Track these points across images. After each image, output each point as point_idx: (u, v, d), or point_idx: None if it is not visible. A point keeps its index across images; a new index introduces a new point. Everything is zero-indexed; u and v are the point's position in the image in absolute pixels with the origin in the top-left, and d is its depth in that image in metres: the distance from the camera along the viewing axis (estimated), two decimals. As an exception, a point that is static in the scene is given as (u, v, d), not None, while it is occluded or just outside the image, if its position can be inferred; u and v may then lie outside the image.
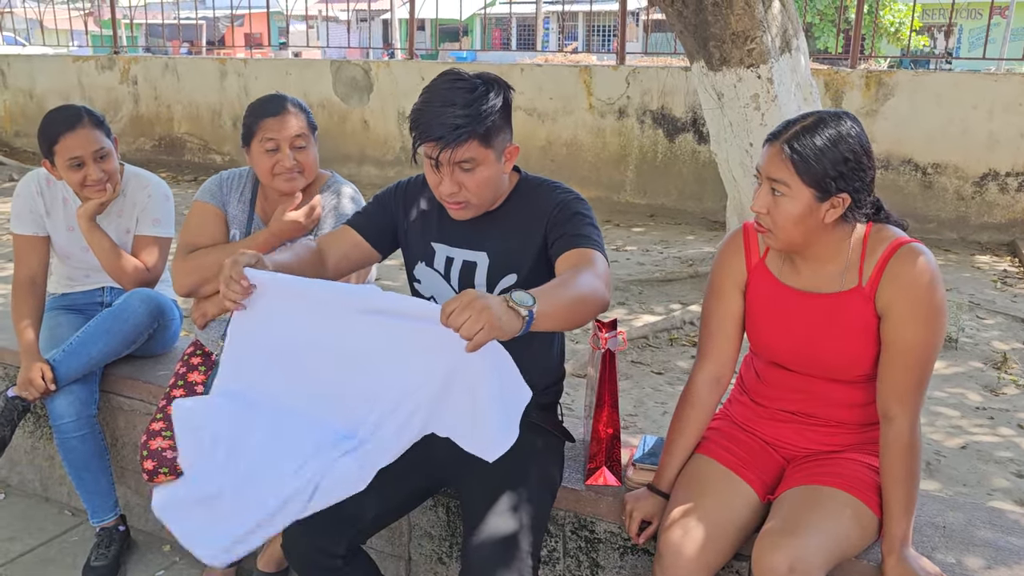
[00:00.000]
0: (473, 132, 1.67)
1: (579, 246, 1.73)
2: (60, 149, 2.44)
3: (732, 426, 1.93)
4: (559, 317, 1.50)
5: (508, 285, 1.86)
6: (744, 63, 3.80)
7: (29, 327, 2.54)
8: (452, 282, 1.89)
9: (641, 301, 4.15)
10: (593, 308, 1.57)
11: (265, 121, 2.18)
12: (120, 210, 2.61)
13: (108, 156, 2.50)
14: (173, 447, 2.12)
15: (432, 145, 1.68)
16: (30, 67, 10.36)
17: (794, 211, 1.61)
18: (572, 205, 1.81)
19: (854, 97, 6.24)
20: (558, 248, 1.77)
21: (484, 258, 1.86)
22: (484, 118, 1.69)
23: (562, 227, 1.78)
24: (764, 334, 1.82)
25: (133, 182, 2.63)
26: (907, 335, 1.63)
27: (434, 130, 1.66)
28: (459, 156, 1.69)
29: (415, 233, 1.94)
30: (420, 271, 1.93)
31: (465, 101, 1.66)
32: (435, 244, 1.91)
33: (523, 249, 1.83)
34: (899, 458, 1.66)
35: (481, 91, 1.69)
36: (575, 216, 1.79)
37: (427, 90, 1.71)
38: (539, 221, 1.81)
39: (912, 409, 1.66)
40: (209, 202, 2.32)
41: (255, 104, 2.23)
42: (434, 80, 1.72)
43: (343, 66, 8.25)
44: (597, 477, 2.03)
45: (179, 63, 9.39)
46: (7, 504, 3.04)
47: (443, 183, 1.73)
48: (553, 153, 7.34)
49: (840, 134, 1.59)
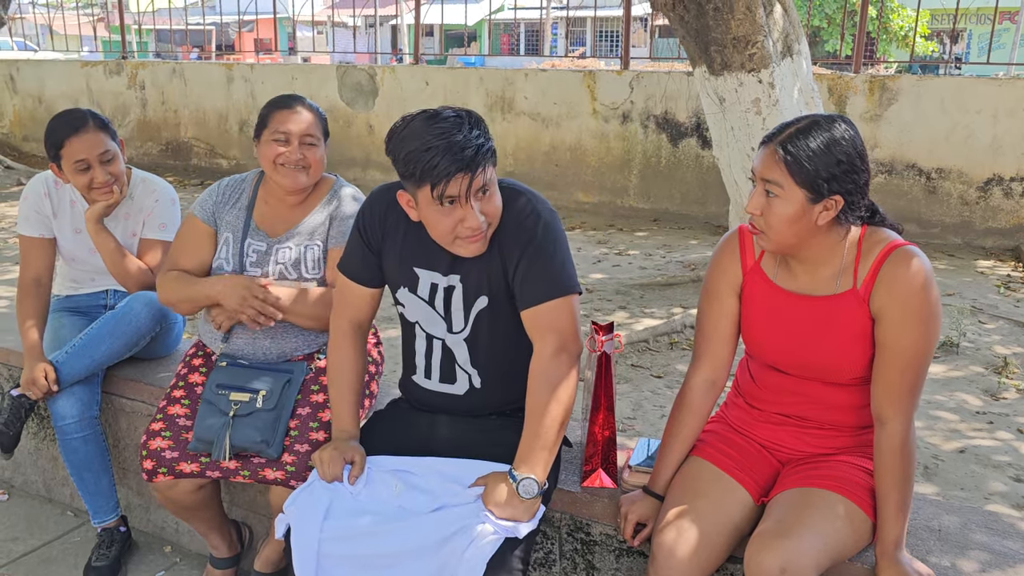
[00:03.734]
0: (489, 150, 1.68)
1: (548, 298, 1.76)
2: (66, 152, 2.47)
3: (728, 429, 1.93)
4: (555, 452, 1.75)
5: (481, 308, 1.85)
6: (745, 67, 3.81)
7: (33, 328, 2.56)
8: (437, 308, 1.88)
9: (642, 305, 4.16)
10: (569, 407, 1.76)
11: (279, 113, 2.20)
12: (127, 213, 2.64)
13: (114, 159, 2.52)
14: (172, 447, 2.14)
15: (459, 179, 1.64)
16: (39, 72, 10.43)
17: (787, 212, 1.62)
18: (541, 238, 1.77)
19: (858, 102, 6.24)
20: (524, 298, 1.78)
21: (458, 281, 1.86)
22: (488, 135, 1.70)
23: (529, 268, 1.77)
24: (759, 337, 1.83)
25: (141, 187, 2.66)
26: (901, 338, 1.64)
27: (456, 162, 1.62)
28: (483, 181, 1.67)
29: (393, 257, 1.90)
30: (404, 296, 1.92)
31: (463, 124, 1.66)
32: (418, 270, 1.88)
33: (495, 274, 1.82)
34: (893, 461, 1.66)
35: (464, 114, 1.69)
36: (543, 255, 1.77)
37: (409, 137, 1.66)
38: (512, 250, 1.78)
39: (906, 412, 1.66)
40: (199, 217, 2.30)
41: (273, 100, 2.25)
42: (409, 126, 1.68)
43: (349, 71, 8.29)
44: (593, 479, 2.04)
45: (186, 68, 9.45)
46: (11, 505, 3.06)
47: (468, 217, 1.69)
48: (557, 158, 7.35)
49: (834, 137, 1.60)
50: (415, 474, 1.85)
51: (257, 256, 2.26)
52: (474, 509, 1.73)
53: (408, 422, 2.01)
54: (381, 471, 1.87)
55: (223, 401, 2.13)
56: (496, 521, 1.69)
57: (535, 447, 1.71)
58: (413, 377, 2.01)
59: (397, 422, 2.03)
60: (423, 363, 1.97)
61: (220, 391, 2.15)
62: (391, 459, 1.90)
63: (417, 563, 1.71)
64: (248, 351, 2.27)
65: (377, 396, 2.43)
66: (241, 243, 2.26)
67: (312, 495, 1.85)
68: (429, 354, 1.94)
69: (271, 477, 2.12)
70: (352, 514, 1.80)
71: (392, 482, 1.85)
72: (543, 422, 1.71)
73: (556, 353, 1.74)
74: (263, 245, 2.26)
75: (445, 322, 1.89)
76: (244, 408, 2.11)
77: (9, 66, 10.69)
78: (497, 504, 1.70)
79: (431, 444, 1.93)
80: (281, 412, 2.13)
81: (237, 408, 2.11)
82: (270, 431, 2.10)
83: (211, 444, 2.10)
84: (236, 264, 2.25)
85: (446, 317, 1.88)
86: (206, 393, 2.16)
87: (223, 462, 2.11)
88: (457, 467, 1.84)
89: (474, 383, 1.93)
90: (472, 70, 8.07)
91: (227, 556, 2.49)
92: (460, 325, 1.88)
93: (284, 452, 2.11)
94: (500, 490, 1.71)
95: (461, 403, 1.95)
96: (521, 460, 1.72)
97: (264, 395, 2.14)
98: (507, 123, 7.50)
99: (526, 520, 1.71)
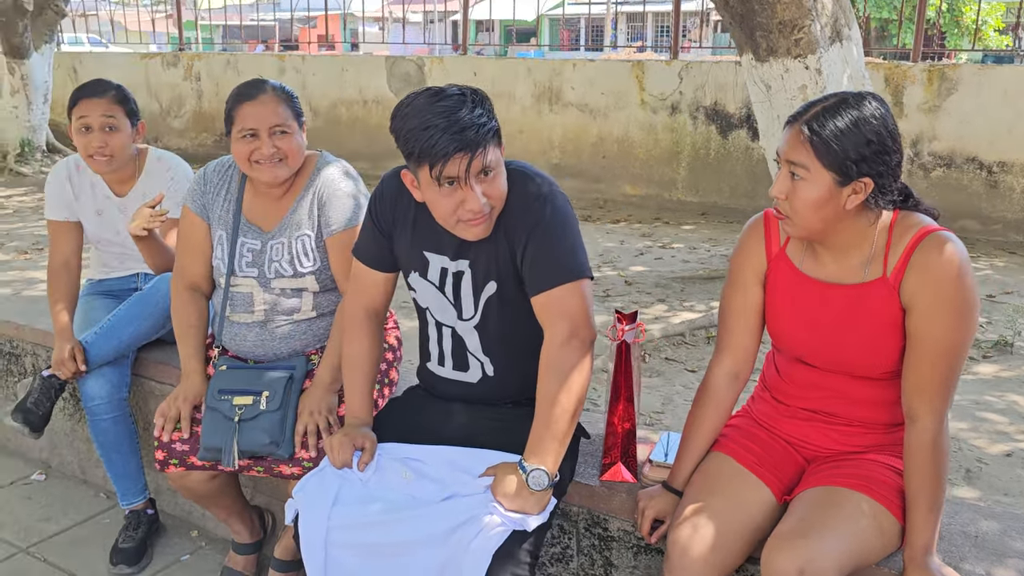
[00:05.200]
0: (492, 130, 1.63)
1: (558, 283, 1.70)
2: (76, 111, 2.51)
3: (752, 424, 1.85)
4: (566, 443, 1.69)
5: (490, 294, 1.80)
6: (791, 53, 3.68)
7: (63, 310, 2.60)
8: (447, 294, 1.84)
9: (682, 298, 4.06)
10: (581, 396, 1.70)
11: (242, 107, 2.06)
12: (144, 192, 2.65)
13: (116, 129, 2.52)
14: (183, 440, 2.14)
15: (458, 159, 1.59)
16: (101, 64, 10.70)
17: (813, 196, 1.53)
18: (549, 221, 1.72)
19: (916, 92, 6.01)
20: (533, 283, 1.73)
21: (467, 266, 1.81)
22: (492, 114, 1.65)
23: (537, 252, 1.71)
24: (784, 327, 1.74)
25: (156, 164, 2.67)
26: (933, 329, 1.54)
27: (456, 141, 1.57)
28: (486, 161, 1.62)
29: (404, 241, 1.86)
30: (415, 281, 1.88)
31: (466, 103, 1.61)
32: (428, 253, 1.84)
33: (503, 258, 1.77)
34: (924, 460, 1.56)
35: (468, 92, 1.63)
36: (552, 238, 1.72)
37: (411, 115, 1.61)
38: (519, 234, 1.73)
39: (938, 408, 1.56)
40: (193, 210, 2.25)
41: (234, 90, 2.12)
42: (413, 103, 1.63)
43: (398, 61, 8.31)
44: (612, 473, 1.97)
45: (240, 60, 9.59)
46: (47, 485, 3.12)
47: (469, 199, 1.64)
48: (604, 149, 7.25)
49: (863, 115, 1.50)
50: (425, 462, 1.81)
51: (252, 256, 2.19)
52: (483, 499, 1.68)
53: (422, 410, 1.97)
54: (391, 459, 1.84)
55: (226, 406, 2.09)
56: (504, 513, 1.64)
57: (545, 438, 1.66)
58: (428, 364, 1.98)
59: (410, 409, 1.99)
60: (436, 350, 1.93)
61: (223, 396, 2.11)
62: (402, 447, 1.86)
63: (425, 552, 1.67)
64: (258, 352, 2.24)
65: (397, 383, 2.38)
66: (233, 242, 2.20)
67: (322, 481, 1.82)
68: (440, 341, 1.90)
69: (287, 472, 2.11)
70: (361, 501, 1.77)
71: (401, 470, 1.81)
72: (553, 412, 1.66)
73: (567, 340, 1.68)
74: (257, 243, 2.19)
75: (455, 308, 1.85)
76: (249, 411, 2.08)
77: (73, 59, 11.01)
78: (506, 495, 1.65)
79: (444, 432, 1.89)
80: (287, 410, 2.10)
81: (242, 412, 2.07)
82: (278, 431, 2.07)
83: (219, 452, 2.08)
84: (229, 265, 2.20)
85: (456, 303, 1.84)
86: (209, 400, 2.12)
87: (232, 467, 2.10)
88: (468, 456, 1.79)
89: (487, 371, 1.88)
90: (520, 61, 8.02)
91: (249, 542, 2.48)
92: (470, 312, 1.83)
93: (300, 449, 2.09)
94: (509, 481, 1.65)
95: (475, 391, 1.91)
96: (531, 451, 1.66)
97: (267, 396, 2.09)
98: (554, 114, 7.43)
99: (535, 513, 1.66)
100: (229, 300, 2.22)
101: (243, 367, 2.20)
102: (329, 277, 2.21)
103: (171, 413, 2.14)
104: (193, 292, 2.29)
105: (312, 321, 2.24)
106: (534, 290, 1.73)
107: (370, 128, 8.33)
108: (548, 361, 1.69)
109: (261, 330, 2.21)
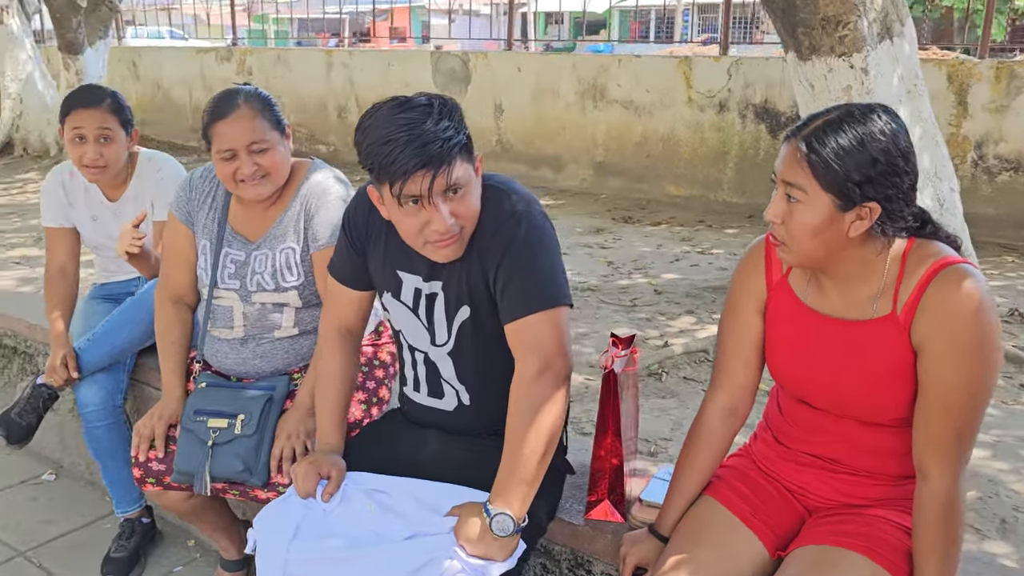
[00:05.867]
0: (458, 144, 1.49)
1: (530, 311, 1.56)
2: (69, 120, 2.44)
3: (751, 466, 1.68)
4: (536, 486, 1.54)
5: (464, 319, 1.67)
6: (835, 51, 3.44)
7: (59, 317, 2.57)
8: (421, 317, 1.72)
9: (712, 310, 3.85)
10: (553, 435, 1.54)
11: (216, 125, 1.95)
12: (135, 195, 2.59)
13: (111, 140, 2.46)
14: (159, 459, 2.07)
15: (420, 176, 1.46)
16: (158, 59, 10.89)
17: (811, 221, 1.36)
18: (523, 242, 1.58)
19: (981, 90, 5.64)
20: (505, 310, 1.59)
21: (440, 288, 1.68)
22: (461, 126, 1.51)
23: (510, 276, 1.58)
24: (783, 363, 1.56)
25: (146, 165, 2.61)
26: (947, 375, 1.35)
27: (418, 158, 1.44)
28: (452, 178, 1.48)
29: (377, 259, 1.74)
30: (388, 301, 1.76)
31: (431, 114, 1.47)
32: (401, 273, 1.72)
33: (476, 282, 1.64)
34: (934, 522, 1.38)
35: (436, 102, 1.50)
36: (525, 261, 1.58)
37: (373, 127, 1.49)
38: (492, 256, 1.60)
39: (952, 465, 1.37)
40: (177, 216, 2.17)
41: (208, 106, 1.99)
42: (376, 114, 1.50)
43: (443, 56, 8.21)
44: (598, 511, 1.83)
45: (290, 55, 9.62)
46: (56, 486, 3.10)
47: (435, 219, 1.51)
48: (649, 148, 7.03)
49: (870, 131, 1.32)
50: (391, 495, 1.69)
51: (235, 267, 2.10)
52: (446, 541, 1.55)
53: (396, 437, 1.85)
54: (358, 489, 1.73)
55: (201, 429, 2.01)
56: (465, 559, 1.51)
57: (512, 480, 1.52)
58: (404, 389, 1.86)
59: (385, 436, 1.88)
60: (411, 375, 1.81)
61: (198, 418, 2.02)
62: (370, 477, 1.75)
63: None
64: (239, 370, 2.16)
65: (389, 401, 2.27)
66: (217, 252, 2.11)
67: (284, 511, 1.72)
68: (415, 366, 1.78)
69: (263, 497, 2.01)
70: (321, 536, 1.66)
71: (367, 502, 1.70)
72: (521, 452, 1.51)
73: (539, 374, 1.54)
74: (242, 254, 2.09)
75: (429, 333, 1.72)
76: (223, 435, 1.99)
77: (132, 53, 11.21)
78: (468, 540, 1.51)
79: (417, 462, 1.77)
80: (264, 435, 2.00)
81: (216, 436, 1.99)
82: (253, 457, 1.98)
83: (192, 476, 2.00)
84: (212, 277, 2.11)
85: (429, 328, 1.71)
86: (184, 420, 2.04)
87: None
88: (435, 492, 1.67)
89: (463, 400, 1.75)
90: (565, 56, 7.83)
91: (236, 559, 2.40)
92: (443, 337, 1.70)
93: (276, 473, 1.99)
94: (472, 524, 1.52)
95: (451, 420, 1.78)
96: (497, 493, 1.53)
97: (243, 419, 2.00)
98: (598, 111, 7.23)
99: (500, 559, 1.52)
100: (211, 314, 2.14)
101: (223, 385, 2.12)
102: (313, 293, 2.10)
103: (145, 432, 2.07)
104: (176, 305, 2.21)
105: (295, 339, 2.14)
106: (506, 317, 1.59)
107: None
108: (518, 396, 1.55)
109: (242, 347, 2.13)
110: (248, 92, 1.99)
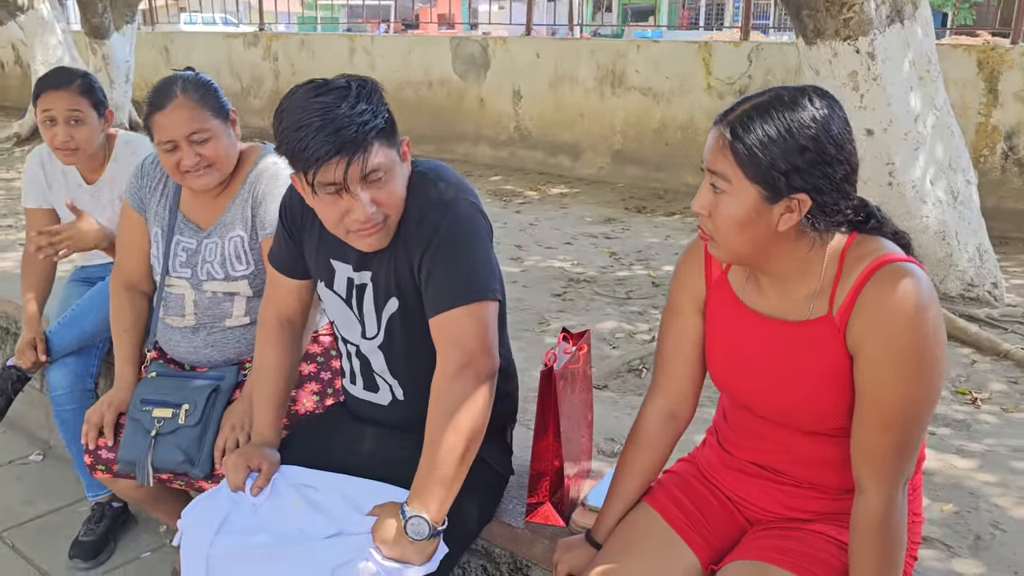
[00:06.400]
0: (376, 128, 1.42)
1: (452, 304, 1.49)
2: (40, 102, 2.40)
3: (694, 473, 1.59)
4: (455, 488, 1.47)
5: (392, 312, 1.61)
6: (840, 35, 3.29)
7: (32, 299, 2.57)
8: (353, 308, 1.66)
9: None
10: (474, 434, 1.47)
11: (155, 118, 1.88)
12: (112, 177, 2.56)
13: (82, 122, 2.41)
14: (108, 447, 2.05)
15: (334, 164, 1.39)
16: (188, 44, 10.96)
17: (737, 213, 1.26)
18: (447, 233, 1.51)
19: (1013, 78, 5.40)
20: (430, 304, 1.53)
21: (369, 279, 1.62)
22: (380, 109, 1.44)
23: (433, 267, 1.51)
24: (721, 365, 1.47)
25: (123, 148, 2.56)
26: (883, 384, 1.25)
27: (331, 144, 1.38)
28: (370, 165, 1.42)
29: (312, 247, 1.69)
30: (322, 291, 1.71)
31: (348, 98, 1.41)
32: (334, 261, 1.66)
33: (403, 272, 1.57)
34: (868, 539, 1.29)
35: (355, 84, 1.43)
36: (449, 252, 1.51)
37: (287, 111, 1.43)
38: (416, 246, 1.53)
39: (889, 480, 1.28)
40: (130, 203, 2.13)
41: (147, 95, 1.93)
42: (292, 97, 1.44)
43: (462, 42, 8.12)
44: (539, 514, 1.75)
45: (314, 40, 9.59)
46: (42, 466, 3.12)
47: (355, 209, 1.45)
48: (667, 136, 6.89)
49: (798, 117, 1.22)
50: (319, 491, 1.64)
51: (187, 255, 2.06)
52: (366, 542, 1.50)
53: (334, 431, 1.80)
54: (288, 484, 1.68)
55: (147, 418, 1.98)
56: (380, 561, 1.45)
57: (429, 482, 1.45)
58: (344, 381, 1.81)
59: (324, 429, 1.83)
60: (348, 367, 1.76)
61: (144, 407, 1.99)
62: (301, 471, 1.70)
63: None
64: (191, 358, 2.12)
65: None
66: (168, 240, 2.07)
67: (213, 504, 1.68)
68: (350, 359, 1.73)
69: (208, 487, 1.97)
70: (246, 531, 1.61)
71: (295, 497, 1.65)
72: (439, 453, 1.45)
73: (459, 371, 1.47)
74: (193, 242, 2.05)
75: (360, 324, 1.66)
76: (167, 425, 1.95)
77: (164, 38, 11.30)
78: (384, 542, 1.46)
79: (351, 456, 1.71)
80: (208, 425, 1.96)
81: (160, 426, 1.95)
82: (195, 448, 1.94)
83: (135, 465, 1.97)
84: (164, 265, 2.07)
85: (360, 319, 1.65)
86: (131, 409, 2.02)
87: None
88: (361, 489, 1.61)
89: (396, 394, 1.69)
90: (583, 41, 7.70)
91: (197, 546, 2.38)
92: (373, 330, 1.64)
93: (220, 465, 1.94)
94: (388, 526, 1.46)
95: (387, 414, 1.73)
96: (415, 494, 1.46)
97: (187, 409, 1.96)
98: (616, 98, 7.10)
99: (417, 563, 1.46)
100: (163, 301, 2.11)
101: (172, 375, 2.09)
102: (264, 281, 2.05)
103: (94, 419, 2.05)
104: (130, 292, 2.18)
105: (246, 328, 2.09)
106: (429, 311, 1.53)
107: (435, 110, 8.20)
108: (437, 394, 1.48)
109: (193, 335, 2.09)
110: (186, 79, 1.93)
